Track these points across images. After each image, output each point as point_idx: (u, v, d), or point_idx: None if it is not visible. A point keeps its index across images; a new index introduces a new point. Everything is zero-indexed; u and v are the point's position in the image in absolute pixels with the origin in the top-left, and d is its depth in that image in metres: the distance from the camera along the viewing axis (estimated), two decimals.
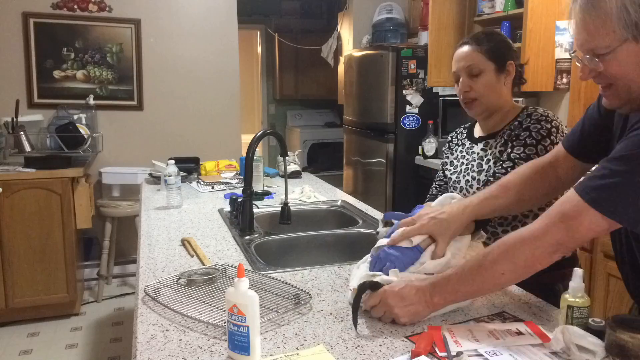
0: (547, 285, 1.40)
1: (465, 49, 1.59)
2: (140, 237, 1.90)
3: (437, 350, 1.03)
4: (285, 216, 2.10)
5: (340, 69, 5.16)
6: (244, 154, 2.50)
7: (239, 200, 1.99)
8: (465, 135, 1.77)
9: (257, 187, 2.60)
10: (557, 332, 1.03)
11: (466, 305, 1.23)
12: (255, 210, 2.00)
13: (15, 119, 3.52)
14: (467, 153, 1.71)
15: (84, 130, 3.73)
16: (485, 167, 1.60)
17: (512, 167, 1.47)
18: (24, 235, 3.26)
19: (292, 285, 1.35)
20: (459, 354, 1.00)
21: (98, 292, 3.78)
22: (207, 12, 4.20)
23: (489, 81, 1.57)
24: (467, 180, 1.65)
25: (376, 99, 4.14)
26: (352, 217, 2.22)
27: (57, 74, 3.90)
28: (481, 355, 1.02)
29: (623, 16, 0.95)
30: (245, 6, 5.57)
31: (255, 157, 2.28)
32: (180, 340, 1.10)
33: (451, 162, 1.76)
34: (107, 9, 3.94)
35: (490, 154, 1.60)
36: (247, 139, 2.39)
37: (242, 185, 2.24)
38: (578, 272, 1.08)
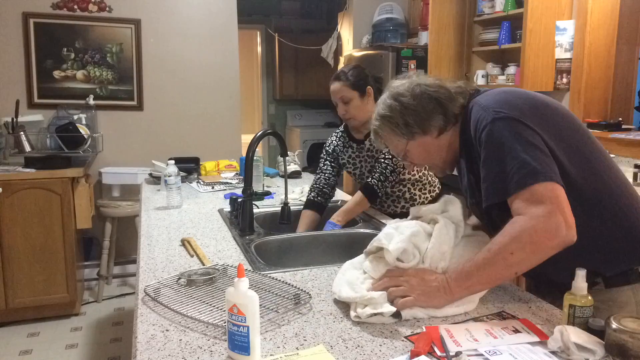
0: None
1: (336, 84, 2.18)
2: (140, 237, 1.90)
3: (436, 350, 1.03)
4: (285, 216, 2.10)
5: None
6: (244, 154, 2.50)
7: (239, 200, 1.99)
8: (347, 139, 2.35)
9: (257, 187, 2.60)
10: (556, 332, 1.03)
11: (472, 309, 1.23)
12: (255, 210, 2.00)
13: (15, 119, 3.52)
14: (359, 151, 2.31)
15: (84, 131, 3.73)
16: (371, 160, 2.27)
17: (388, 153, 2.12)
18: (24, 235, 3.26)
19: (292, 285, 1.35)
20: (458, 353, 1.00)
21: (98, 292, 3.78)
22: (207, 12, 4.20)
23: (357, 104, 2.18)
24: (369, 170, 2.28)
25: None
26: (352, 217, 2.21)
27: (57, 74, 3.90)
28: (481, 354, 1.02)
29: (396, 130, 1.37)
30: (245, 6, 5.57)
31: (255, 157, 2.28)
32: (180, 340, 1.10)
33: (348, 161, 2.35)
34: (107, 9, 3.94)
35: (367, 151, 2.28)
36: (247, 139, 2.39)
37: (242, 185, 2.24)
38: (581, 272, 1.09)
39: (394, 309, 1.15)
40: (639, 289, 1.24)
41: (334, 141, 2.39)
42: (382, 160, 2.16)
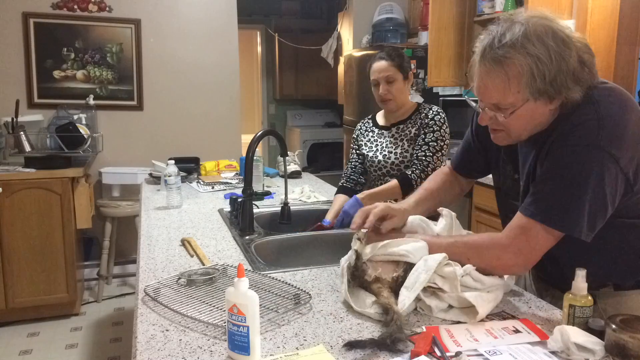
0: None
1: (383, 63, 2.19)
2: (140, 237, 1.90)
3: (436, 350, 1.03)
4: (285, 216, 2.10)
5: (340, 69, 5.16)
6: (244, 154, 2.50)
7: (239, 200, 1.99)
8: (371, 124, 2.40)
9: (257, 187, 2.60)
10: (556, 332, 1.03)
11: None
12: (255, 210, 2.00)
13: (15, 119, 3.52)
14: (378, 137, 2.33)
15: (84, 130, 3.73)
16: (400, 144, 2.25)
17: (429, 150, 2.14)
18: (24, 235, 3.26)
19: (292, 285, 1.35)
20: (458, 353, 1.00)
21: (98, 292, 3.78)
22: (207, 12, 4.20)
23: (400, 87, 2.21)
24: (385, 155, 2.27)
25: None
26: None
27: (57, 74, 3.90)
28: (481, 354, 1.02)
29: (530, 82, 1.09)
30: (245, 6, 5.56)
31: (255, 157, 2.28)
32: (180, 340, 1.10)
33: (365, 144, 2.37)
34: (107, 9, 3.94)
35: (404, 136, 2.25)
36: (247, 139, 2.39)
37: (242, 185, 2.24)
38: (581, 272, 1.09)
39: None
40: None
41: (358, 127, 2.45)
42: (423, 157, 2.16)
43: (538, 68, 1.07)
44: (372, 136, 2.37)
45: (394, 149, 2.25)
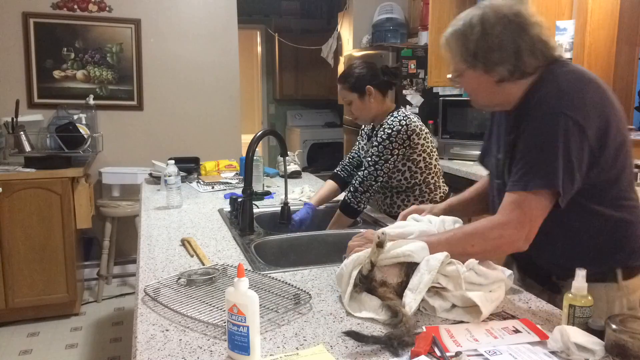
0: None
1: (339, 87, 2.24)
2: (140, 237, 1.90)
3: (436, 350, 1.03)
4: (285, 216, 2.10)
5: (340, 69, 5.16)
6: (244, 154, 2.50)
7: (239, 200, 1.99)
8: (370, 127, 2.37)
9: (257, 187, 2.60)
10: (556, 332, 1.03)
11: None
12: (255, 210, 2.00)
13: (15, 119, 3.52)
14: (367, 142, 2.35)
15: (84, 130, 3.73)
16: (365, 147, 2.34)
17: (365, 164, 2.15)
18: (24, 235, 3.26)
19: (292, 285, 1.35)
20: (458, 353, 1.00)
21: (98, 292, 3.78)
22: (207, 12, 4.20)
23: (357, 105, 2.20)
24: (359, 155, 2.40)
25: None
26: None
27: (57, 74, 3.90)
28: (481, 354, 1.02)
29: (462, 51, 1.33)
30: (245, 6, 5.57)
31: (255, 157, 2.28)
32: (180, 340, 1.10)
33: (362, 147, 2.40)
34: (107, 9, 3.94)
35: (365, 139, 2.36)
36: (247, 139, 2.39)
37: (242, 185, 2.24)
38: (581, 272, 1.09)
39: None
40: (610, 288, 1.33)
41: (363, 127, 2.46)
42: (359, 171, 2.18)
43: (467, 39, 1.31)
44: (366, 141, 2.39)
45: (362, 152, 2.37)
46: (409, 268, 1.24)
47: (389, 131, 2.10)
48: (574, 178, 1.22)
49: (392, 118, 2.14)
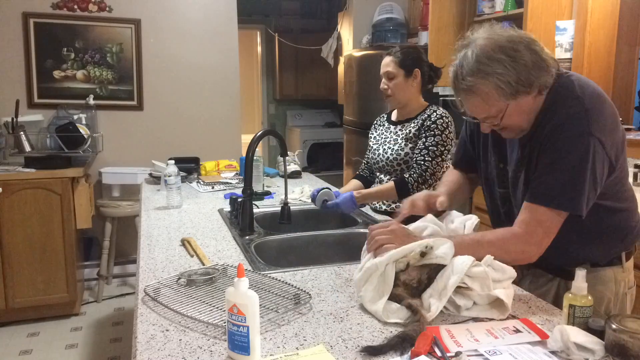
0: None
1: (387, 58, 2.20)
2: (140, 237, 1.90)
3: (436, 350, 1.03)
4: (285, 216, 2.10)
5: (340, 69, 5.16)
6: (244, 154, 2.50)
7: (239, 200, 1.99)
8: (385, 118, 2.37)
9: (257, 187, 2.60)
10: (556, 332, 1.03)
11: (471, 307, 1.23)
12: (255, 210, 2.00)
13: (15, 119, 3.52)
14: (385, 131, 2.31)
15: (84, 130, 3.73)
16: (398, 142, 2.22)
17: (428, 154, 2.10)
18: (24, 235, 3.26)
19: (292, 285, 1.35)
20: (458, 353, 1.00)
21: (98, 292, 3.78)
22: (207, 12, 4.20)
23: (399, 83, 2.17)
24: (384, 150, 2.25)
25: (376, 99, 4.14)
26: (352, 217, 2.22)
27: (57, 74, 3.90)
28: (481, 354, 1.02)
29: (500, 92, 1.26)
30: (245, 6, 5.56)
31: (255, 157, 2.28)
32: (180, 340, 1.10)
33: (375, 137, 2.36)
34: (107, 9, 3.94)
35: (404, 134, 2.21)
36: (247, 139, 2.39)
37: (242, 185, 2.24)
38: (581, 272, 1.09)
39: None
40: (618, 270, 1.42)
41: (374, 122, 2.44)
42: (422, 161, 2.11)
43: (501, 80, 1.25)
44: (382, 130, 2.35)
45: (392, 146, 2.23)
46: (432, 270, 1.25)
47: (447, 120, 2.15)
48: (595, 194, 1.28)
49: (439, 112, 2.17)
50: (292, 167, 3.10)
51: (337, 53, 5.40)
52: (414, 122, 2.21)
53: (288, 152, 2.38)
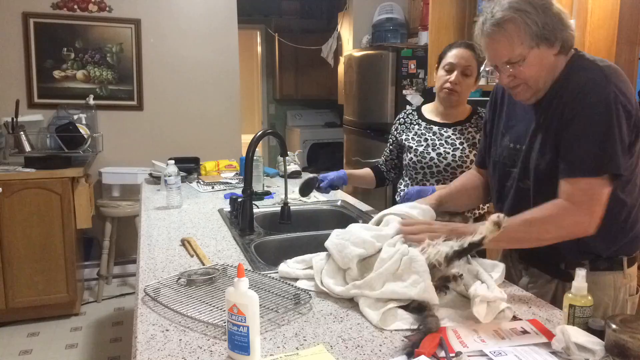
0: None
1: (468, 52, 1.99)
2: (140, 237, 1.90)
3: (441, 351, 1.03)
4: (285, 216, 2.10)
5: (340, 69, 5.16)
6: (244, 154, 2.49)
7: (239, 200, 1.99)
8: (416, 117, 2.20)
9: (257, 187, 2.60)
10: (558, 332, 1.03)
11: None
12: (255, 210, 2.00)
13: (15, 119, 3.52)
14: (426, 131, 2.13)
15: (84, 130, 3.73)
16: (459, 147, 2.05)
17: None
18: (24, 235, 3.25)
19: (292, 285, 1.35)
20: (458, 353, 1.00)
21: (98, 292, 3.78)
22: (207, 12, 4.20)
23: (470, 84, 2.03)
24: (440, 153, 2.06)
25: (376, 99, 4.14)
26: (352, 217, 2.22)
27: (57, 74, 3.90)
28: (486, 355, 1.02)
29: (527, 31, 1.27)
30: (245, 6, 5.56)
31: (255, 157, 2.28)
32: (180, 340, 1.10)
33: (412, 137, 2.15)
34: (107, 9, 3.94)
35: (465, 139, 2.06)
36: (247, 139, 2.38)
37: (242, 185, 2.24)
38: (581, 272, 1.09)
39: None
40: (618, 276, 1.40)
41: (399, 119, 2.26)
42: None
43: (530, 18, 1.27)
44: (418, 129, 2.16)
45: (452, 150, 2.04)
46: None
47: None
48: (625, 154, 1.27)
49: None
50: (292, 167, 3.09)
51: (337, 53, 5.40)
52: (472, 126, 2.08)
53: (288, 152, 2.38)
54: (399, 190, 2.24)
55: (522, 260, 1.53)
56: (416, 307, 1.18)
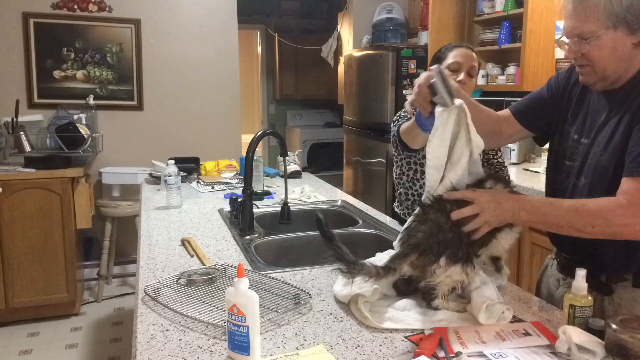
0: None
1: (469, 51, 2.01)
2: (140, 237, 1.90)
3: (441, 351, 1.03)
4: (285, 216, 2.10)
5: (340, 69, 5.16)
6: (244, 154, 2.49)
7: (239, 200, 1.99)
8: None
9: (257, 187, 2.60)
10: (560, 333, 1.03)
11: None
12: (255, 210, 2.00)
13: (15, 119, 3.52)
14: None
15: (84, 130, 3.73)
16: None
17: None
18: (24, 235, 3.25)
19: (292, 285, 1.35)
20: (458, 354, 1.00)
21: (98, 292, 3.78)
22: (207, 12, 4.20)
23: (474, 85, 2.02)
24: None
25: (376, 99, 4.14)
26: (352, 217, 2.22)
27: (57, 74, 3.90)
28: (485, 356, 1.02)
29: (607, 8, 1.17)
30: (245, 6, 5.56)
31: (255, 157, 2.28)
32: (180, 340, 1.10)
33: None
34: (107, 9, 3.94)
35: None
36: (247, 139, 2.38)
37: (242, 185, 2.24)
38: (581, 272, 1.09)
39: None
40: None
41: (399, 119, 2.15)
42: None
43: (608, 2, 1.16)
44: None
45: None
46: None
47: None
48: None
49: None
50: (292, 167, 3.10)
51: (337, 53, 5.40)
52: None
53: (288, 152, 2.38)
54: (396, 201, 2.24)
55: (563, 270, 1.45)
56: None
